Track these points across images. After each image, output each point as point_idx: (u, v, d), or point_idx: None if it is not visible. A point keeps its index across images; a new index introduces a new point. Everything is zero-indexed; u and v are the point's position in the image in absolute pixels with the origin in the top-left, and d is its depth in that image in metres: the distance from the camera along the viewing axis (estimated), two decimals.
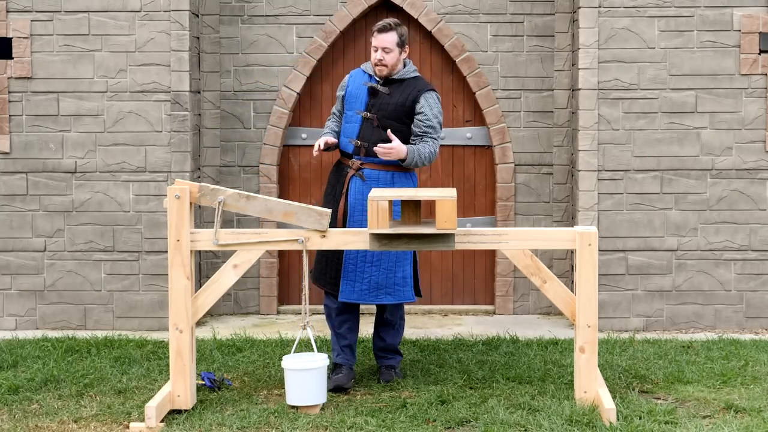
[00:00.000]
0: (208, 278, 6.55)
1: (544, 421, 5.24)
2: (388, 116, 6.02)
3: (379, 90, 6.06)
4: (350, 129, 6.09)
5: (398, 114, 6.02)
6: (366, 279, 5.97)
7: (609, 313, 7.50)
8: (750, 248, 7.50)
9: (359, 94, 6.12)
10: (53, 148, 7.52)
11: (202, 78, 7.93)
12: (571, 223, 7.83)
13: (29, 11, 7.48)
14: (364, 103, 6.08)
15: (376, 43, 6.03)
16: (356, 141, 6.03)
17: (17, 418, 5.44)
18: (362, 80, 6.14)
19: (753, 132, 7.45)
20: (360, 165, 6.02)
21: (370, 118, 6.03)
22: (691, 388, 5.91)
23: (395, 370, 6.15)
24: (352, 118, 6.10)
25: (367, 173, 6.01)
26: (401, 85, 6.07)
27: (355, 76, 6.21)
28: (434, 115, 6.04)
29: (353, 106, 6.11)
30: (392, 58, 6.03)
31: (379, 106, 6.04)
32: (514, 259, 5.63)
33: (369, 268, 5.97)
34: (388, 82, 6.08)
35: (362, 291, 5.97)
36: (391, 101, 6.03)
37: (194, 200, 5.56)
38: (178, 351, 5.53)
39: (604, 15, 7.43)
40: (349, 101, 6.14)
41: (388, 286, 6.00)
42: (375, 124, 6.02)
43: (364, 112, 6.06)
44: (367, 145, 6.00)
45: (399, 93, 6.04)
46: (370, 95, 6.08)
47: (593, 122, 7.45)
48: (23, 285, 7.57)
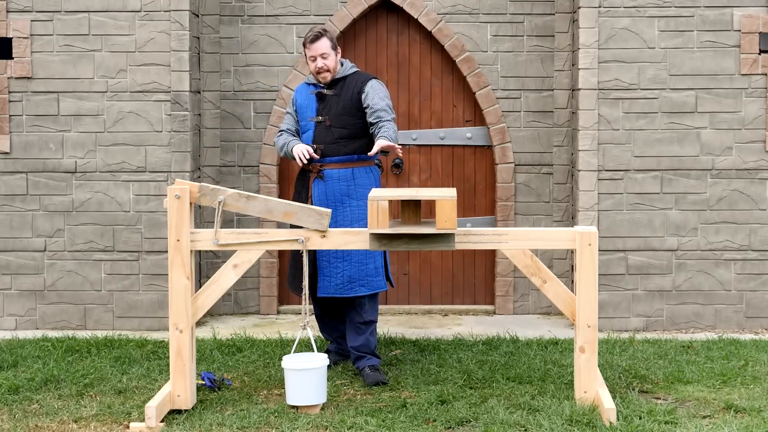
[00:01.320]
0: (208, 278, 6.56)
1: (544, 421, 5.24)
2: (339, 113, 6.23)
3: (325, 93, 6.27)
4: (306, 137, 6.30)
5: (348, 109, 6.22)
6: (339, 274, 6.13)
7: (609, 313, 7.50)
8: (750, 248, 7.50)
9: (308, 103, 6.33)
10: (53, 148, 7.52)
11: (202, 78, 7.93)
12: (571, 223, 7.83)
13: (29, 11, 7.48)
14: (315, 109, 6.29)
15: (312, 53, 6.22)
16: (313, 146, 6.20)
17: (17, 418, 5.44)
18: (308, 90, 6.35)
19: (753, 132, 7.45)
20: (320, 167, 6.19)
21: (322, 121, 6.22)
22: (691, 388, 5.91)
23: (379, 370, 6.15)
24: (306, 126, 6.31)
25: (327, 173, 6.18)
26: (344, 83, 6.29)
27: (301, 89, 6.44)
28: (381, 98, 6.17)
29: (305, 116, 6.31)
30: (331, 61, 6.24)
31: (329, 108, 6.25)
32: (514, 259, 5.63)
33: (341, 263, 6.14)
34: (331, 84, 6.29)
35: (338, 285, 6.13)
36: (340, 100, 6.25)
37: (194, 200, 5.56)
38: (178, 351, 5.53)
39: (604, 15, 7.43)
40: (301, 113, 6.35)
41: (361, 278, 6.15)
42: (327, 124, 6.21)
43: (316, 117, 6.25)
44: (323, 147, 6.19)
45: (344, 90, 6.26)
46: (319, 101, 6.28)
47: (593, 122, 7.45)
48: (23, 285, 7.57)
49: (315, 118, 6.26)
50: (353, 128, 6.22)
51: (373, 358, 6.21)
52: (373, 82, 6.25)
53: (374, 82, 6.26)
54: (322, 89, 6.29)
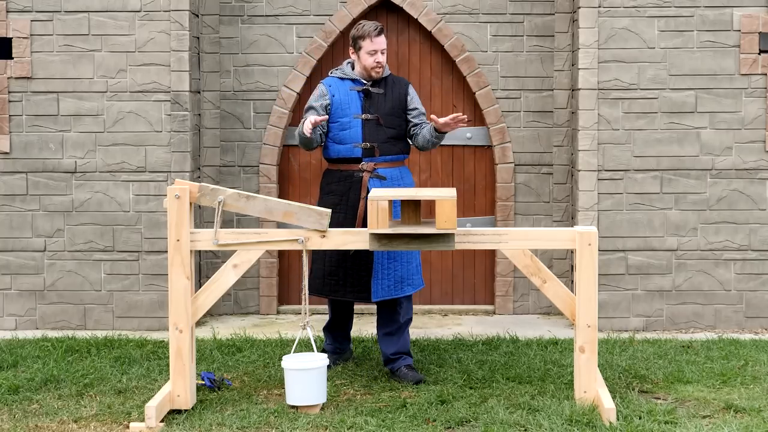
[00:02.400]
0: (208, 278, 6.55)
1: (544, 421, 5.24)
2: (388, 113, 6.19)
3: (372, 91, 6.19)
4: (352, 134, 6.14)
5: (396, 109, 6.23)
6: (392, 275, 6.10)
7: (609, 313, 7.50)
8: (750, 248, 7.50)
9: (350, 100, 6.20)
10: (53, 148, 7.52)
11: (202, 78, 7.93)
12: (571, 223, 7.83)
13: (29, 11, 7.48)
14: (360, 106, 6.18)
15: (375, 46, 6.12)
16: (365, 144, 6.11)
17: (17, 418, 5.44)
18: (346, 86, 6.22)
19: (753, 132, 7.45)
20: (374, 166, 6.12)
21: (372, 119, 6.14)
22: (691, 388, 5.91)
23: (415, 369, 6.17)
24: (349, 123, 6.15)
25: (383, 172, 6.14)
26: (387, 83, 6.26)
27: (335, 85, 6.25)
28: (419, 102, 6.36)
29: (347, 113, 6.17)
30: (385, 58, 6.21)
31: (377, 107, 6.19)
32: (514, 259, 5.63)
33: (393, 263, 6.10)
34: (375, 82, 6.23)
35: (389, 287, 6.10)
36: (387, 99, 6.20)
37: (194, 200, 5.56)
38: (178, 351, 5.53)
39: (604, 15, 7.43)
40: (340, 109, 6.18)
41: (408, 277, 6.15)
42: (380, 123, 6.14)
43: (364, 114, 6.15)
44: (377, 145, 6.12)
45: (390, 90, 6.24)
46: (364, 98, 6.19)
47: (593, 122, 7.45)
48: (23, 285, 7.57)
49: (362, 115, 6.14)
50: (400, 129, 6.22)
51: (408, 357, 6.20)
52: (411, 86, 6.36)
53: (412, 86, 6.37)
54: (368, 87, 6.20)
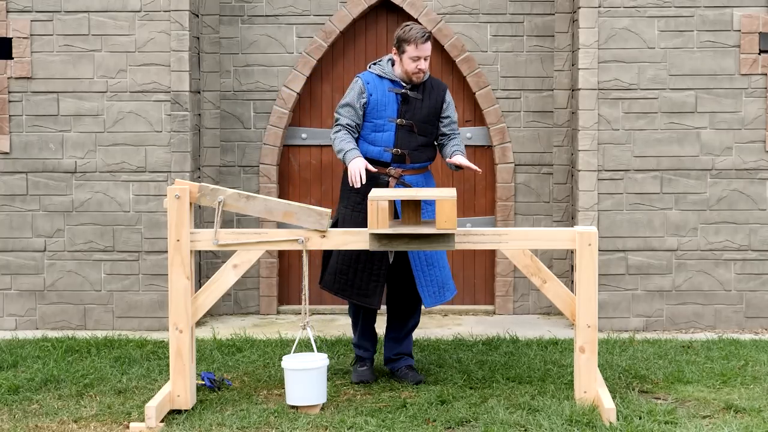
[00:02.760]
0: (208, 278, 6.55)
1: (544, 421, 5.24)
2: (423, 120, 6.02)
3: (410, 96, 6.00)
4: (384, 137, 5.99)
5: (431, 117, 6.06)
6: (433, 281, 6.03)
7: (609, 313, 7.50)
8: (750, 248, 7.50)
9: (387, 101, 6.00)
10: (53, 148, 7.52)
11: (202, 78, 7.93)
12: (571, 223, 7.83)
13: (29, 11, 7.48)
14: (396, 110, 5.99)
15: (419, 53, 5.91)
16: (395, 149, 5.97)
17: (17, 418, 5.44)
18: (385, 87, 6.02)
19: (753, 132, 7.45)
20: (402, 172, 5.99)
21: (406, 125, 5.98)
22: (691, 388, 5.91)
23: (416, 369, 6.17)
24: (383, 126, 5.99)
25: (408, 180, 6.01)
26: (425, 87, 6.05)
27: (374, 83, 6.02)
28: (454, 110, 6.20)
29: (383, 115, 5.99)
30: (428, 65, 6.02)
31: (413, 112, 5.99)
32: (514, 259, 5.63)
33: (433, 269, 6.03)
34: (414, 86, 6.03)
35: (435, 293, 6.03)
36: (423, 105, 6.02)
37: (194, 200, 5.56)
38: (178, 351, 5.53)
39: (604, 15, 7.43)
40: (377, 109, 6.00)
41: (446, 282, 6.10)
42: (414, 130, 5.98)
43: (399, 119, 5.98)
44: (407, 152, 5.96)
45: (427, 95, 6.04)
46: (402, 102, 6.00)
47: (593, 122, 7.45)
48: (23, 285, 7.57)
49: (397, 120, 5.96)
50: (431, 136, 6.07)
51: (410, 358, 6.20)
52: (448, 92, 6.16)
53: (449, 92, 6.17)
54: (407, 90, 6.00)
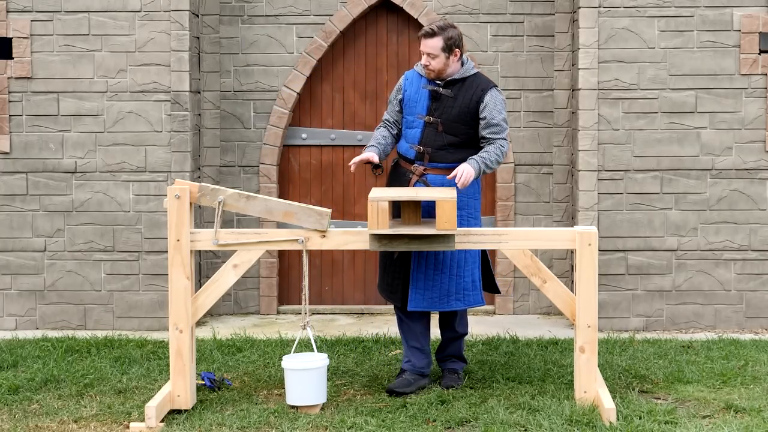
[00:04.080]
0: (208, 278, 6.55)
1: (544, 421, 5.24)
2: (452, 119, 5.84)
3: (441, 93, 5.86)
4: (412, 134, 5.90)
5: (463, 117, 5.84)
6: (437, 286, 5.85)
7: (609, 313, 7.50)
8: (750, 248, 7.50)
9: (419, 97, 5.91)
10: (53, 148, 7.52)
11: (202, 78, 7.93)
12: (571, 223, 7.83)
13: (29, 11, 7.48)
14: (426, 107, 5.88)
15: (421, 48, 5.85)
16: (419, 147, 5.85)
17: (17, 418, 5.44)
18: (420, 83, 5.92)
19: (753, 132, 7.45)
20: (423, 171, 5.86)
21: (434, 123, 5.85)
22: (691, 388, 5.91)
23: (458, 374, 6.05)
24: (413, 122, 5.89)
25: (431, 179, 5.85)
26: (463, 85, 5.87)
27: (411, 78, 5.97)
28: (498, 112, 5.84)
29: (414, 111, 5.91)
30: (438, 63, 5.82)
31: (442, 110, 5.85)
32: (514, 259, 5.63)
33: (439, 275, 5.84)
34: (449, 83, 5.87)
35: (433, 299, 5.85)
36: (455, 104, 5.84)
37: (194, 200, 5.56)
38: (178, 351, 5.53)
39: (604, 15, 7.43)
40: (409, 105, 5.92)
41: (458, 292, 5.88)
42: (439, 129, 5.83)
43: (427, 116, 5.86)
44: (430, 151, 5.84)
45: (462, 94, 5.84)
46: (432, 98, 5.88)
47: (593, 122, 7.45)
48: (23, 285, 7.57)
49: (425, 117, 5.84)
50: (465, 137, 5.83)
51: (457, 362, 6.09)
52: (493, 92, 5.85)
53: (495, 92, 5.85)
54: (438, 87, 5.85)
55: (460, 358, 6.14)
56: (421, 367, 5.96)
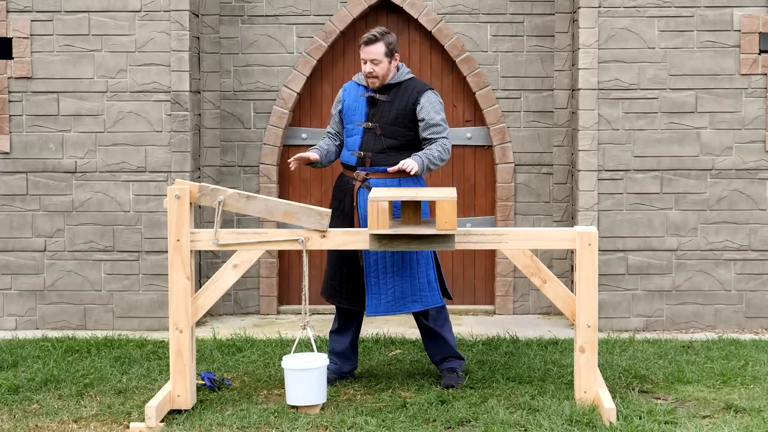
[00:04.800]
0: (208, 278, 6.56)
1: (544, 421, 5.24)
2: (390, 123, 5.96)
3: (378, 98, 5.98)
4: (352, 141, 6.02)
5: (401, 119, 5.96)
6: (390, 290, 5.90)
7: (609, 313, 7.50)
8: (750, 248, 7.50)
9: (357, 106, 6.04)
10: (53, 148, 7.52)
11: (202, 78, 7.93)
12: (571, 223, 7.83)
13: (29, 11, 7.48)
14: (364, 113, 6.00)
15: (363, 55, 5.95)
16: (359, 152, 5.95)
17: (17, 418, 5.45)
18: (358, 92, 6.07)
19: (753, 132, 7.45)
20: (365, 176, 5.94)
21: (372, 128, 5.96)
22: (691, 388, 5.91)
23: (457, 372, 6.04)
24: (353, 130, 6.03)
25: (373, 182, 5.91)
26: (399, 89, 6.00)
27: (349, 89, 6.12)
28: (436, 112, 5.96)
29: (353, 119, 6.04)
30: (382, 68, 5.94)
31: (380, 115, 5.97)
32: (514, 259, 5.63)
33: (392, 278, 5.89)
34: (385, 88, 5.99)
35: (389, 302, 5.90)
36: (392, 108, 5.96)
37: (194, 200, 5.56)
38: (178, 351, 5.53)
39: (604, 15, 7.43)
40: (348, 115, 6.07)
41: (414, 293, 5.92)
42: (378, 133, 5.95)
43: (365, 122, 5.98)
44: (370, 155, 5.94)
45: (398, 98, 5.97)
46: (370, 105, 6.00)
47: (593, 122, 7.45)
48: (23, 285, 7.57)
49: (364, 123, 5.97)
50: (404, 139, 5.94)
51: (454, 360, 6.07)
52: (429, 94, 5.97)
53: (430, 94, 5.98)
54: (374, 94, 5.98)
55: (455, 356, 6.12)
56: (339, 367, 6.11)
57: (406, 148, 5.96)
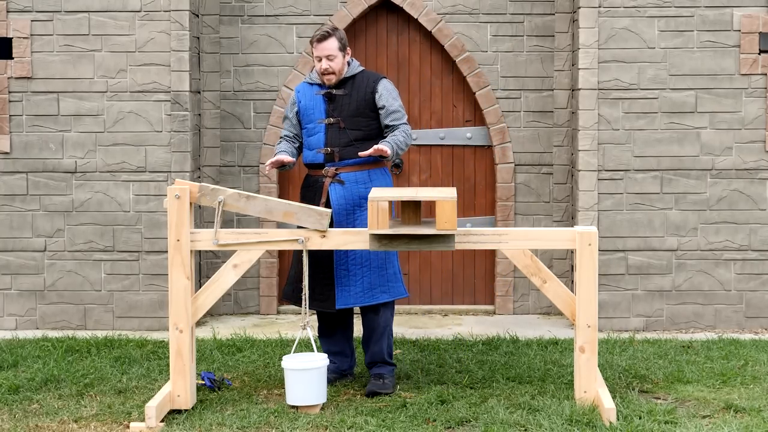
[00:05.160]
0: (208, 278, 6.56)
1: (544, 421, 5.24)
2: (352, 115, 5.97)
3: (335, 94, 6.00)
4: (315, 140, 6.01)
5: (361, 110, 5.98)
6: (359, 281, 5.90)
7: (609, 313, 7.50)
8: (750, 248, 7.50)
9: (314, 104, 6.04)
10: (53, 148, 7.52)
11: (202, 78, 7.93)
12: (571, 223, 7.83)
13: (29, 11, 7.48)
14: (324, 110, 6.01)
15: (318, 53, 5.97)
16: (326, 149, 5.95)
17: (17, 418, 5.44)
18: (313, 91, 6.07)
19: (753, 132, 7.45)
20: (336, 171, 5.95)
21: (335, 123, 5.97)
22: (691, 388, 5.91)
23: (384, 379, 5.91)
24: (314, 129, 6.02)
25: (344, 176, 5.93)
26: (354, 82, 6.02)
27: (303, 90, 6.11)
28: (394, 99, 6.04)
29: (312, 118, 6.03)
30: (337, 64, 5.97)
31: (340, 109, 5.98)
32: (514, 259, 5.63)
33: (361, 269, 5.90)
34: (340, 83, 6.01)
35: (358, 294, 5.89)
36: (351, 100, 5.99)
37: (194, 200, 5.56)
38: (178, 351, 5.53)
39: (604, 15, 7.43)
40: (307, 115, 6.06)
41: (382, 284, 5.93)
42: (341, 126, 5.96)
43: (327, 119, 5.99)
44: (338, 150, 5.94)
45: (355, 90, 6.00)
46: (328, 101, 6.02)
47: (593, 122, 7.45)
48: (23, 285, 7.57)
49: (325, 120, 5.97)
50: (368, 129, 5.98)
51: (384, 366, 5.99)
52: (385, 82, 6.05)
53: (386, 82, 6.07)
54: (331, 89, 6.01)
55: (384, 361, 6.00)
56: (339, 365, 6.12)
57: (370, 138, 5.99)
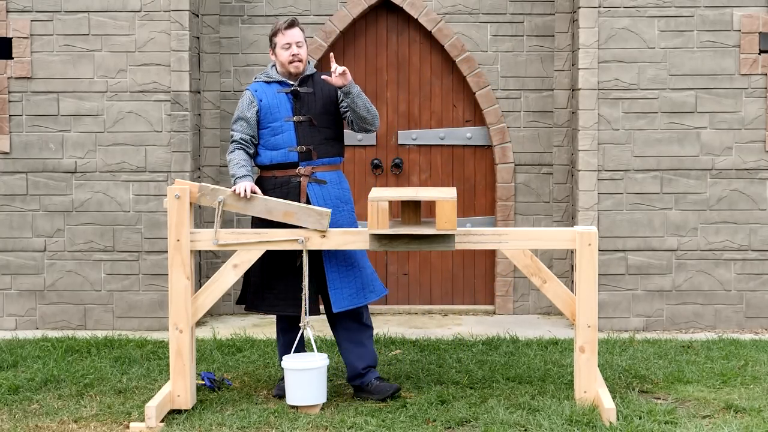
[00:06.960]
0: (208, 278, 6.56)
1: (544, 421, 5.24)
2: (321, 112, 5.84)
3: (301, 92, 5.84)
4: (286, 138, 5.81)
5: (328, 107, 5.87)
6: (351, 282, 5.80)
7: (609, 313, 7.50)
8: (750, 248, 7.50)
9: (279, 102, 5.83)
10: (53, 148, 7.52)
11: (202, 78, 7.93)
12: (571, 223, 7.83)
13: (29, 11, 7.48)
14: (290, 108, 5.84)
15: (288, 39, 5.80)
16: (300, 147, 5.79)
17: (17, 417, 5.45)
18: (274, 89, 5.86)
19: (753, 132, 7.45)
20: (312, 169, 5.80)
21: (305, 121, 5.82)
22: (691, 388, 5.91)
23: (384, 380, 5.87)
24: (281, 127, 5.81)
25: (322, 176, 5.81)
26: (314, 80, 5.90)
27: (261, 89, 5.87)
28: None
29: (278, 116, 5.82)
30: (305, 51, 5.86)
31: (308, 107, 5.83)
32: (514, 259, 5.63)
33: (351, 270, 5.80)
34: (302, 81, 5.87)
35: (351, 295, 5.78)
36: (317, 98, 5.86)
37: (194, 200, 5.56)
38: (178, 351, 5.53)
39: (604, 15, 7.43)
40: (270, 113, 5.82)
41: (366, 285, 5.84)
42: (313, 124, 5.81)
43: (295, 116, 5.83)
44: (313, 148, 5.81)
45: (318, 88, 5.87)
46: (295, 99, 5.84)
47: (593, 122, 7.45)
48: (23, 285, 7.57)
49: (293, 117, 5.79)
50: (337, 128, 5.89)
51: (374, 370, 5.89)
52: None
53: None
54: (296, 87, 5.83)
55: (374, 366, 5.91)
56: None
57: (339, 137, 5.93)
